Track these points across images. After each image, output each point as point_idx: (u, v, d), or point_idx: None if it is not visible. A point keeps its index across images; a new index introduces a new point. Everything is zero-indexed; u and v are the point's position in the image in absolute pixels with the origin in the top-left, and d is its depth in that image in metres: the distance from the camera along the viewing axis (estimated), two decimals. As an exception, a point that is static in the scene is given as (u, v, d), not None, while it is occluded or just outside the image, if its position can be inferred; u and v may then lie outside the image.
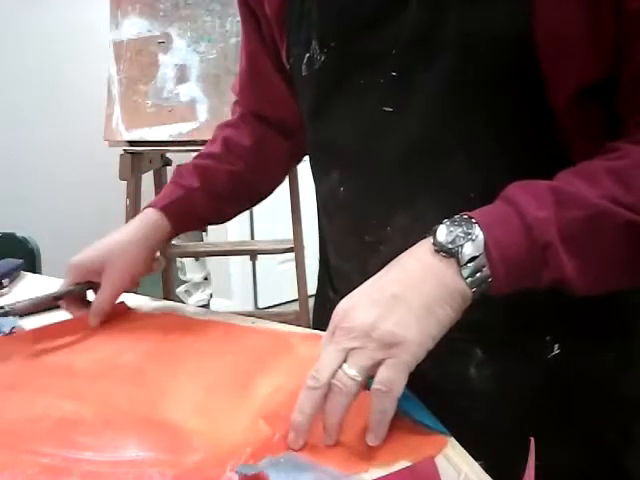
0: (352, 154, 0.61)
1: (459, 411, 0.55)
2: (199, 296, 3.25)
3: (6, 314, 0.70)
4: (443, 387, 0.50)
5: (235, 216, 0.86)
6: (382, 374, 0.43)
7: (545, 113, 0.52)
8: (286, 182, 1.86)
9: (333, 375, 0.44)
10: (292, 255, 1.97)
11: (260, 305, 3.11)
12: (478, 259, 0.45)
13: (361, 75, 0.57)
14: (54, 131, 3.41)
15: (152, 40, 1.86)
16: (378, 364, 0.44)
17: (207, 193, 0.78)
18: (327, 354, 0.45)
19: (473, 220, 0.46)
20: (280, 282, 2.97)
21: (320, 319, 0.76)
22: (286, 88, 0.72)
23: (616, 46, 0.49)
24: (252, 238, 2.94)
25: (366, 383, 0.44)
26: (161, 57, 1.86)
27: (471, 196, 0.54)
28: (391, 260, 0.50)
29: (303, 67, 0.62)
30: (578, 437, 0.59)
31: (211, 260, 3.10)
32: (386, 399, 0.43)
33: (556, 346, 0.58)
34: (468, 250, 0.45)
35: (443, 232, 0.46)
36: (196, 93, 1.85)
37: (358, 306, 0.46)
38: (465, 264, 0.45)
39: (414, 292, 0.45)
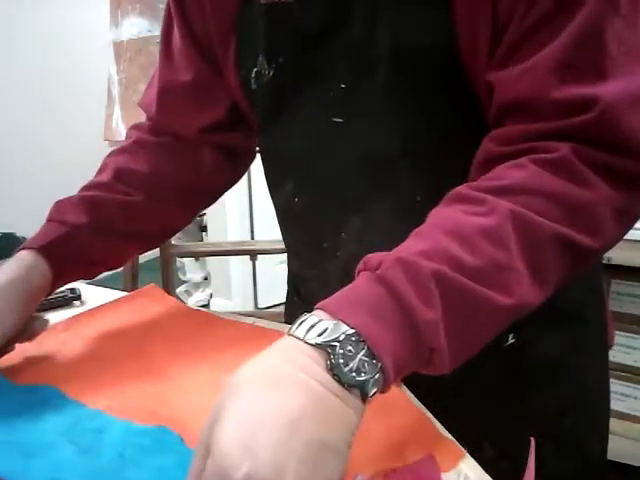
0: (304, 165, 0.62)
1: (423, 398, 0.55)
2: (199, 296, 3.25)
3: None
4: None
5: (137, 254, 0.71)
6: None
7: (478, 112, 0.53)
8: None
9: None
10: (292, 255, 1.96)
11: (260, 305, 3.11)
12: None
13: (310, 88, 0.59)
14: (54, 131, 3.41)
15: (152, 40, 1.86)
16: None
17: (97, 229, 0.66)
18: None
19: (366, 342, 0.38)
20: (280, 282, 2.94)
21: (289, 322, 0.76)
22: (229, 107, 0.69)
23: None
24: (252, 238, 2.94)
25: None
26: (161, 57, 1.86)
27: (417, 199, 0.56)
28: (347, 267, 0.47)
29: (252, 81, 0.62)
30: (537, 421, 0.62)
31: (211, 260, 3.10)
32: None
33: (510, 336, 0.60)
34: (374, 386, 0.38)
35: (340, 356, 0.37)
36: (196, 93, 1.85)
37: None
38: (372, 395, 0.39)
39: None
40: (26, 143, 3.29)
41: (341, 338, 0.38)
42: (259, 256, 2.19)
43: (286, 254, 0.79)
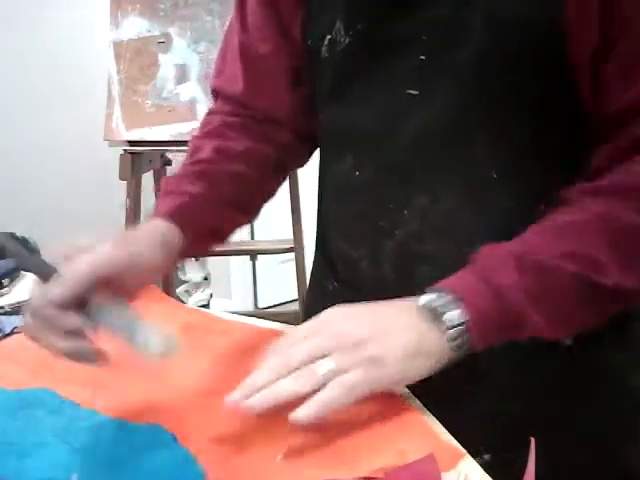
0: (370, 137, 0.60)
1: (469, 397, 0.56)
2: (199, 296, 3.25)
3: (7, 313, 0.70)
4: (454, 372, 0.50)
5: (243, 225, 0.71)
6: (357, 373, 0.46)
7: (568, 95, 0.52)
8: (286, 182, 1.87)
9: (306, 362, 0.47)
10: (292, 255, 1.97)
11: (260, 305, 3.11)
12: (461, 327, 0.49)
13: (387, 59, 0.57)
14: (54, 131, 3.41)
15: (152, 40, 1.86)
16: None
17: (212, 200, 0.65)
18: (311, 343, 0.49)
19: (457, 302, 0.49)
20: (280, 282, 2.97)
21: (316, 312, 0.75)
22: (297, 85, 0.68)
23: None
24: (252, 238, 2.94)
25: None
26: (161, 57, 1.86)
27: (493, 176, 0.55)
28: (405, 246, 0.58)
29: (323, 49, 0.60)
30: (583, 434, 0.59)
31: (211, 260, 3.10)
32: (341, 392, 0.45)
33: (568, 340, 0.58)
34: (452, 312, 0.49)
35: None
36: (196, 93, 1.85)
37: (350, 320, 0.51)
38: (447, 329, 0.49)
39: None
40: (25, 143, 3.29)
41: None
42: (259, 256, 2.19)
43: (287, 253, 0.78)
